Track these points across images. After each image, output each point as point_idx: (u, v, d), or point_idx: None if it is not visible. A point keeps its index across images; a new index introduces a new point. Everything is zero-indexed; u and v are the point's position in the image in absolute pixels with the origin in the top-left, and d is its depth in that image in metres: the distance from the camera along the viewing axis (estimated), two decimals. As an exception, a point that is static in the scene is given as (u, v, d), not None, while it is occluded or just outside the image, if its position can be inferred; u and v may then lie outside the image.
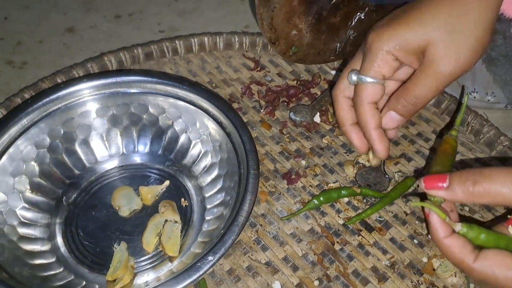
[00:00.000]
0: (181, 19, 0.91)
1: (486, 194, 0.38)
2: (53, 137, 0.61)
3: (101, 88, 0.63)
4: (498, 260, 0.39)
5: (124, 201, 0.60)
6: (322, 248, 0.56)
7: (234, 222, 0.50)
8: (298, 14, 0.52)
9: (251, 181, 0.54)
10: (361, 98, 0.52)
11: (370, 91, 0.51)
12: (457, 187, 0.39)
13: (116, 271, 0.53)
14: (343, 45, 0.59)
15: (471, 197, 0.39)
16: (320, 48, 0.58)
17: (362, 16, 0.56)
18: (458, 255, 0.40)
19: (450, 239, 0.40)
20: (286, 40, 0.55)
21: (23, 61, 0.82)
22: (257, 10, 0.50)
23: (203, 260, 0.47)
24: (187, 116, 0.64)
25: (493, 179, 0.38)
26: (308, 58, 0.59)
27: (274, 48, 0.56)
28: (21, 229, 0.56)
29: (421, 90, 0.49)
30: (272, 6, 0.50)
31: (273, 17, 0.51)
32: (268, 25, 0.52)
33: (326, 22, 0.55)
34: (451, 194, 0.39)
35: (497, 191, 0.38)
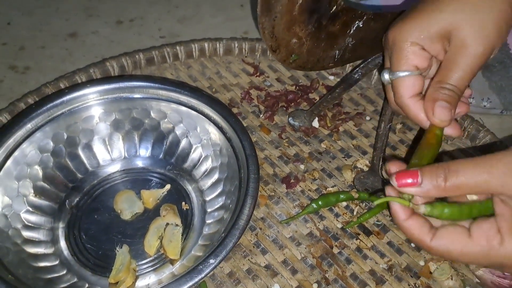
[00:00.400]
0: (181, 25, 0.92)
1: (456, 188, 0.39)
2: (57, 142, 0.62)
3: (104, 93, 0.64)
4: (452, 238, 0.40)
5: (126, 204, 0.61)
6: (321, 251, 0.58)
7: (234, 225, 0.51)
8: (298, 23, 0.53)
9: (251, 185, 0.55)
10: (400, 94, 0.49)
11: (407, 85, 0.49)
12: (429, 183, 0.39)
13: (118, 273, 0.54)
14: (342, 52, 0.60)
15: (443, 193, 0.40)
16: (319, 56, 0.59)
17: (360, 24, 0.57)
18: (417, 236, 0.41)
19: (409, 221, 0.41)
20: (286, 48, 0.56)
21: (25, 66, 0.83)
22: (259, 19, 0.51)
23: (205, 263, 0.48)
24: (188, 121, 0.65)
25: (460, 173, 0.38)
26: (307, 65, 0.60)
27: (275, 55, 0.57)
28: (25, 232, 0.57)
29: (458, 74, 0.47)
30: (273, 15, 0.51)
31: (274, 26, 0.52)
32: (270, 33, 0.53)
33: (326, 30, 0.56)
34: (422, 191, 0.40)
35: (467, 185, 0.39)
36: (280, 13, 0.51)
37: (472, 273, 0.54)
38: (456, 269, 0.55)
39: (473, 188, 0.39)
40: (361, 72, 0.66)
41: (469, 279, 0.55)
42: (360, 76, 0.66)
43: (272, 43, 0.55)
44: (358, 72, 0.66)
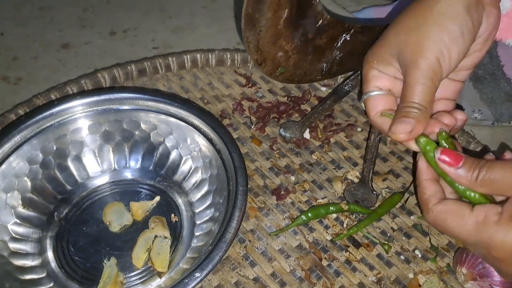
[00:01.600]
0: (175, 35, 0.92)
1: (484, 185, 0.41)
2: (46, 153, 0.62)
3: (93, 105, 0.64)
4: (453, 208, 0.42)
5: (115, 216, 0.61)
6: (310, 264, 0.57)
7: (221, 238, 0.51)
8: (283, 37, 0.53)
9: (239, 197, 0.55)
10: (368, 113, 0.53)
11: (371, 104, 0.52)
12: (464, 173, 0.41)
13: (105, 286, 0.54)
14: (330, 65, 0.60)
15: (473, 186, 0.42)
16: (306, 69, 0.59)
17: (348, 37, 0.57)
18: (426, 196, 0.44)
19: (429, 181, 0.44)
20: (272, 61, 0.56)
21: (18, 77, 0.83)
22: (243, 33, 0.51)
23: (190, 276, 0.48)
24: (178, 132, 0.65)
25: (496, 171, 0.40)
26: (295, 78, 0.60)
27: (261, 69, 0.57)
28: (12, 244, 0.57)
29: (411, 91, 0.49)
30: (258, 30, 0.51)
31: (259, 40, 0.52)
32: (255, 47, 0.53)
33: (312, 44, 0.56)
34: (456, 174, 0.42)
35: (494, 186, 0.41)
36: (265, 27, 0.51)
37: (461, 285, 0.54)
38: (445, 282, 0.55)
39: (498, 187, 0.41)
40: (351, 84, 0.66)
41: (458, 292, 0.55)
42: (350, 88, 0.66)
43: (257, 57, 0.55)
44: (348, 84, 0.66)
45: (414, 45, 0.48)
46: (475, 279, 0.52)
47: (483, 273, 0.51)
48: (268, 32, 0.52)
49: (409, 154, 0.69)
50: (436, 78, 0.48)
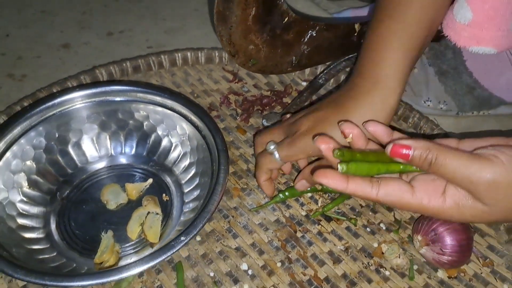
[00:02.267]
0: (168, 36, 0.99)
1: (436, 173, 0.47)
2: (49, 140, 0.69)
3: (92, 96, 0.71)
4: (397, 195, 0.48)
5: (112, 196, 0.67)
6: (286, 235, 0.64)
7: (204, 209, 0.58)
8: (253, 32, 0.59)
9: (221, 175, 0.61)
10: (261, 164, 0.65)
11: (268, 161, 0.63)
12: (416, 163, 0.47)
13: (103, 254, 0.60)
14: (299, 58, 0.67)
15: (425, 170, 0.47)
16: (277, 61, 0.65)
17: (314, 34, 0.64)
18: (362, 194, 0.48)
19: (351, 184, 0.48)
20: (244, 53, 0.62)
21: (22, 74, 0.89)
22: (216, 28, 0.58)
23: (177, 240, 0.55)
24: (168, 121, 0.71)
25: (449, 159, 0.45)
26: (267, 69, 0.66)
27: (234, 60, 0.63)
28: (20, 219, 0.63)
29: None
30: (229, 25, 0.57)
31: (231, 34, 0.59)
32: (227, 40, 0.59)
33: (281, 38, 0.62)
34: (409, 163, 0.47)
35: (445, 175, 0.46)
36: (235, 23, 0.57)
37: (417, 251, 0.61)
38: (404, 249, 0.62)
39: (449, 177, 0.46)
40: (325, 77, 0.73)
41: (416, 258, 0.61)
42: (324, 81, 0.73)
43: (230, 49, 0.61)
44: (322, 77, 0.73)
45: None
46: (428, 244, 0.58)
47: (434, 239, 0.58)
48: (239, 27, 0.58)
49: (379, 141, 0.75)
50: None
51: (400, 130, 0.76)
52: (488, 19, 0.63)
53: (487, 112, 0.81)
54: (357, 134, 0.51)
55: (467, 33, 0.64)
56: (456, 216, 0.48)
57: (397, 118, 0.78)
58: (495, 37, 0.64)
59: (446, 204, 0.47)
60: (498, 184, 0.44)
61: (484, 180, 0.44)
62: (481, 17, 0.62)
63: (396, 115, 0.78)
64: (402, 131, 0.73)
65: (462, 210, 0.47)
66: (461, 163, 0.45)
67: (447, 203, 0.47)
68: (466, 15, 0.63)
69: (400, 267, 0.60)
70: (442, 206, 0.48)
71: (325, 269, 0.61)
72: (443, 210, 0.48)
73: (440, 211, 0.48)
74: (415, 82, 0.80)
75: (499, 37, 0.64)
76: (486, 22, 0.63)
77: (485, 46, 0.65)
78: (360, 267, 0.61)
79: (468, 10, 0.62)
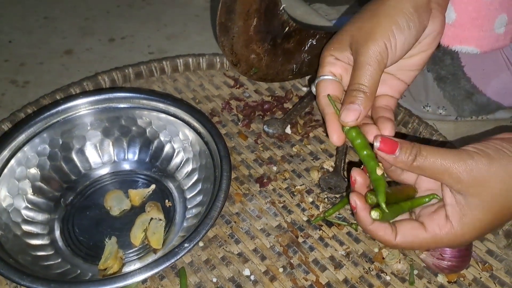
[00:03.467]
0: (169, 42, 1.00)
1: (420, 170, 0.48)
2: (53, 146, 0.70)
3: (95, 103, 0.72)
4: (412, 234, 0.49)
5: (115, 202, 0.68)
6: (288, 240, 0.65)
7: (208, 215, 0.58)
8: (255, 41, 0.60)
9: (224, 181, 0.62)
10: (318, 93, 0.57)
11: (322, 85, 0.57)
12: (402, 156, 0.47)
13: (107, 261, 0.61)
14: (300, 66, 0.67)
15: (409, 169, 0.48)
16: (278, 69, 0.66)
17: (314, 42, 0.65)
18: (383, 237, 0.50)
19: (374, 225, 0.49)
20: (246, 62, 0.63)
21: (25, 81, 0.90)
22: (218, 39, 0.59)
23: (180, 246, 0.56)
24: (171, 127, 0.72)
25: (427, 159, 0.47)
26: (268, 77, 0.67)
27: (236, 69, 0.63)
28: (25, 226, 0.64)
29: (360, 73, 0.53)
30: (231, 36, 0.58)
31: (233, 44, 0.60)
32: (229, 50, 0.60)
33: (281, 47, 0.63)
34: (395, 161, 0.48)
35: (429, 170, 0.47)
36: (237, 33, 0.58)
37: (417, 256, 0.62)
38: (405, 254, 0.63)
39: (432, 173, 0.47)
40: (325, 83, 0.73)
41: (416, 263, 0.62)
42: (324, 87, 0.74)
43: (232, 58, 0.62)
44: (322, 83, 0.73)
45: (365, 32, 0.53)
46: (428, 250, 0.59)
47: (435, 244, 0.58)
48: (240, 37, 0.59)
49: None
50: (382, 61, 0.53)
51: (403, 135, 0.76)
52: (471, 19, 0.64)
53: (486, 117, 0.82)
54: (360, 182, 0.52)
55: (450, 32, 0.66)
56: (467, 232, 0.48)
57: (397, 123, 0.79)
58: (478, 38, 0.66)
59: (454, 226, 0.48)
60: (481, 170, 0.45)
61: (463, 168, 0.46)
62: (464, 17, 0.63)
63: (396, 120, 0.79)
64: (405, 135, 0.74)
65: (466, 220, 0.48)
66: (440, 155, 0.46)
67: (454, 224, 0.48)
68: (450, 15, 0.65)
69: (401, 272, 0.61)
70: (451, 230, 0.48)
71: (327, 274, 0.61)
72: (455, 233, 0.48)
73: (453, 235, 0.49)
74: (414, 88, 0.81)
75: (481, 38, 0.65)
76: (468, 22, 0.64)
77: (467, 46, 0.66)
78: (361, 272, 0.62)
79: (452, 10, 0.64)
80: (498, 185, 0.46)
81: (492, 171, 0.46)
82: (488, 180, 0.46)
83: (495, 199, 0.47)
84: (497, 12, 0.64)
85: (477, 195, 0.47)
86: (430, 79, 0.80)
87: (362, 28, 0.54)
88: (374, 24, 0.54)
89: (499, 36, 0.67)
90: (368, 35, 0.53)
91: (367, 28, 0.54)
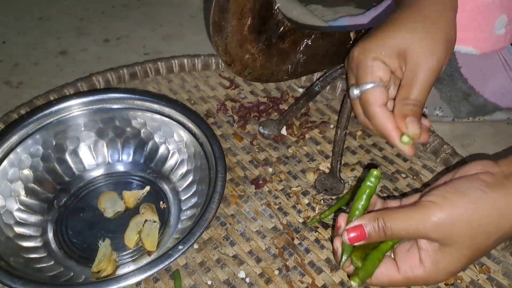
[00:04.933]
0: (165, 42, 1.00)
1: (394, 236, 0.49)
2: (46, 148, 0.69)
3: (89, 104, 0.71)
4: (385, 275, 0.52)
5: (109, 203, 0.68)
6: (283, 243, 0.64)
7: (202, 217, 0.58)
8: (249, 41, 0.60)
9: (219, 183, 0.62)
10: (370, 103, 0.54)
11: (376, 94, 0.54)
12: (373, 237, 0.50)
13: (100, 263, 0.60)
14: (295, 66, 0.67)
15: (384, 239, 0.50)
16: (273, 69, 0.65)
17: (309, 42, 0.64)
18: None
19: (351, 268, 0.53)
20: (240, 63, 0.62)
21: (19, 82, 0.90)
22: (212, 39, 0.58)
23: (174, 249, 0.55)
24: (166, 129, 0.72)
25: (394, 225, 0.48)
26: (263, 78, 0.66)
27: (230, 69, 0.63)
28: (17, 228, 0.63)
29: (418, 89, 0.53)
30: (225, 35, 0.58)
31: (227, 44, 0.59)
32: (223, 50, 0.59)
33: (276, 47, 0.63)
34: (369, 241, 0.50)
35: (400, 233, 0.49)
36: (231, 33, 0.58)
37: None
38: (401, 257, 0.62)
39: (406, 235, 0.49)
40: (320, 85, 0.73)
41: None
42: (320, 88, 0.73)
43: (226, 58, 0.61)
44: (318, 84, 0.73)
45: (426, 45, 0.53)
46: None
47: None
48: (234, 37, 0.59)
49: (375, 148, 0.76)
50: (437, 78, 0.54)
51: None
52: (469, 20, 0.64)
53: (483, 118, 0.81)
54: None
55: None
56: (440, 275, 0.49)
57: (394, 125, 0.78)
58: (476, 39, 0.65)
59: (426, 270, 0.49)
60: (447, 221, 0.46)
61: (430, 225, 0.46)
62: (463, 18, 0.63)
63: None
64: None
65: (439, 266, 0.49)
66: (405, 219, 0.48)
67: (426, 269, 0.49)
68: None
69: (397, 274, 0.61)
70: (423, 273, 0.50)
71: (323, 276, 0.61)
72: (427, 277, 0.50)
73: (426, 278, 0.50)
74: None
75: (480, 39, 0.65)
76: (467, 23, 0.64)
77: (466, 46, 0.66)
78: (357, 275, 0.61)
79: None
80: (466, 233, 0.47)
81: (457, 220, 0.46)
82: (455, 230, 0.46)
83: (465, 246, 0.47)
84: (498, 13, 0.64)
85: (449, 244, 0.47)
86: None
87: (424, 40, 0.54)
88: (434, 38, 0.54)
89: (500, 37, 0.67)
90: (430, 51, 0.53)
91: (429, 42, 0.53)
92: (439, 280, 0.50)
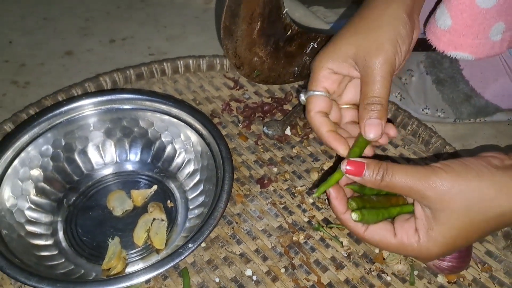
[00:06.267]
0: (169, 43, 1.01)
1: (388, 187, 0.51)
2: (56, 147, 0.70)
3: (97, 104, 0.72)
4: (380, 234, 0.53)
5: (118, 202, 0.69)
6: (289, 241, 0.65)
7: (211, 216, 0.59)
8: (258, 45, 0.61)
9: (226, 182, 0.63)
10: (309, 109, 0.60)
11: (315, 101, 0.60)
12: (369, 176, 0.51)
13: (110, 261, 0.62)
14: (301, 69, 0.68)
15: (377, 187, 0.51)
16: (280, 72, 0.67)
17: (315, 45, 0.66)
18: (353, 228, 0.55)
19: (346, 215, 0.54)
20: (249, 65, 0.64)
21: (26, 81, 0.91)
22: (222, 42, 0.59)
23: (184, 247, 0.56)
24: (173, 129, 0.73)
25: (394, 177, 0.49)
26: (270, 80, 0.68)
27: (239, 71, 0.64)
28: (28, 226, 0.64)
29: (371, 84, 0.56)
30: (235, 39, 0.59)
31: (236, 47, 0.61)
32: (233, 53, 0.61)
33: (283, 50, 0.64)
34: (363, 181, 0.51)
35: (396, 187, 0.50)
36: (241, 37, 0.59)
37: (417, 257, 0.63)
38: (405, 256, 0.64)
39: (400, 191, 0.50)
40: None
41: (416, 264, 0.63)
42: (324, 89, 0.74)
43: (236, 61, 0.63)
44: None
45: (372, 43, 0.56)
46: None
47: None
48: (244, 41, 0.60)
49: (378, 148, 0.77)
50: (392, 72, 0.56)
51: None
52: (466, 27, 0.66)
53: (484, 119, 0.83)
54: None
55: (446, 38, 0.67)
56: (432, 247, 0.51)
57: (396, 125, 0.80)
58: (472, 45, 0.67)
59: (420, 240, 0.51)
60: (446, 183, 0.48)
61: (429, 183, 0.48)
62: (460, 24, 0.65)
63: (395, 122, 0.80)
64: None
65: (432, 235, 0.50)
66: (406, 173, 0.49)
67: (420, 238, 0.51)
68: (446, 22, 0.66)
69: (401, 272, 0.62)
70: (418, 242, 0.51)
71: (328, 274, 0.62)
72: (420, 246, 0.51)
73: (418, 248, 0.52)
74: (413, 90, 0.82)
75: (476, 45, 0.67)
76: (464, 29, 0.66)
77: (462, 52, 0.68)
78: (362, 273, 0.62)
79: (448, 17, 0.65)
80: (462, 202, 0.48)
81: (456, 187, 0.48)
82: (451, 196, 0.48)
83: (458, 215, 0.48)
84: (494, 21, 0.65)
85: (442, 210, 0.49)
86: (429, 82, 0.81)
87: (367, 39, 0.56)
88: (380, 34, 0.56)
89: (495, 44, 0.68)
90: (377, 47, 0.56)
91: (373, 39, 0.56)
92: (431, 254, 0.52)
